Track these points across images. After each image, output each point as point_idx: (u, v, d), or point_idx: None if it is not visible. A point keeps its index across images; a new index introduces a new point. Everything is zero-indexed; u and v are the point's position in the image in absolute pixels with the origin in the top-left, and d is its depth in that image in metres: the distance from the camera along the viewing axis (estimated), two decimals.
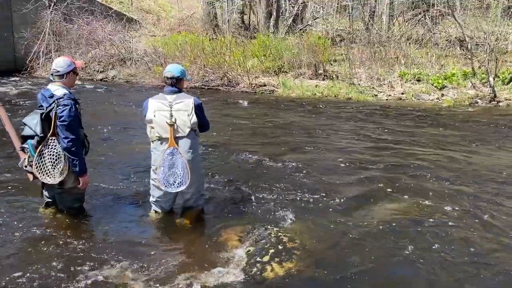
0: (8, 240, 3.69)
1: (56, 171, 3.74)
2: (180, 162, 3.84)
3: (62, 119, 3.69)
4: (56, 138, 3.75)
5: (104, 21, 16.45)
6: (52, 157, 3.73)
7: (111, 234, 3.95)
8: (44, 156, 3.73)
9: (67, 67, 3.86)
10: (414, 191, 5.00)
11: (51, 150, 3.73)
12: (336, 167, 5.86)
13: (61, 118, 3.69)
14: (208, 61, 13.58)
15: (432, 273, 3.38)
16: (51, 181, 3.76)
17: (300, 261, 3.47)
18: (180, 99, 3.96)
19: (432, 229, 4.08)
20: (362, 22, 17.61)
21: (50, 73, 3.94)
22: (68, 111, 3.70)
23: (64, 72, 3.85)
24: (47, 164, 3.73)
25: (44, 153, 3.73)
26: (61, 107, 3.69)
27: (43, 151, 3.73)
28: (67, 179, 3.83)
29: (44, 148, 3.73)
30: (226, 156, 6.35)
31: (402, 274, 3.37)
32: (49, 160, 3.73)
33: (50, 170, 3.73)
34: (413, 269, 3.42)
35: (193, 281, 3.17)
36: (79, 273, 3.22)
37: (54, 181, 3.77)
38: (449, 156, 6.43)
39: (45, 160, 3.73)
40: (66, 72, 3.86)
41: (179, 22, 19.54)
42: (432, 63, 13.30)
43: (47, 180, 3.75)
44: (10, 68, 16.00)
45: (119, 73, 15.34)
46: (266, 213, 4.36)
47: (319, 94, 12.39)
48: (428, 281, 3.28)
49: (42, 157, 3.73)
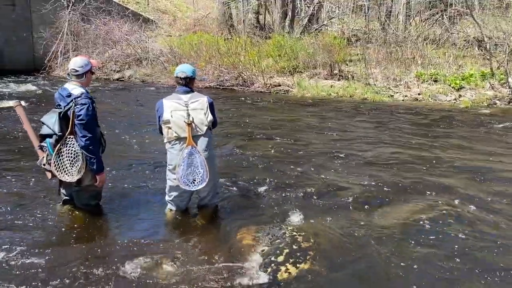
0: (27, 237, 3.75)
1: (74, 169, 3.79)
2: (199, 161, 3.87)
3: (80, 117, 3.75)
4: (74, 136, 3.80)
5: (121, 21, 16.62)
6: (70, 155, 3.78)
7: (126, 232, 3.99)
8: (63, 155, 3.78)
9: (85, 66, 3.93)
10: (430, 192, 4.94)
11: (69, 148, 3.78)
12: (352, 167, 5.82)
13: (79, 117, 3.75)
14: (223, 61, 13.61)
15: (449, 274, 3.33)
16: (69, 179, 3.81)
17: (315, 262, 3.46)
18: (195, 98, 4.00)
19: (449, 231, 4.02)
20: (378, 22, 17.46)
21: (67, 72, 4.00)
22: (85, 110, 3.76)
23: (82, 72, 3.91)
24: (66, 162, 3.78)
25: (62, 152, 3.78)
26: (79, 106, 3.75)
27: (61, 149, 3.78)
28: (84, 177, 3.89)
29: (63, 147, 3.78)
30: (240, 154, 6.36)
31: (418, 276, 3.33)
32: (67, 159, 3.78)
33: (68, 168, 3.78)
34: (430, 270, 3.38)
35: (207, 280, 3.18)
36: (94, 270, 3.26)
37: (72, 179, 3.82)
38: (466, 158, 6.34)
39: (64, 158, 3.78)
40: (85, 72, 3.92)
41: (194, 22, 19.63)
42: (450, 63, 13.12)
43: (65, 178, 3.81)
44: (29, 68, 16.30)
45: (135, 72, 15.48)
46: (280, 213, 4.35)
47: (334, 94, 12.32)
48: (446, 282, 3.24)
49: (60, 155, 3.78)
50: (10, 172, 5.32)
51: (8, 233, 3.80)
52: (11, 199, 4.50)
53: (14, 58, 16.73)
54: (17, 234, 3.77)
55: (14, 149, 6.32)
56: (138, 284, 3.12)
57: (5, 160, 5.80)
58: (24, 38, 16.83)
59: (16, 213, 4.18)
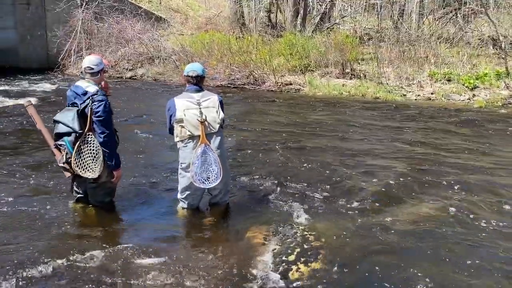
0: (41, 235, 3.80)
1: (97, 165, 3.83)
2: (212, 158, 3.89)
3: (98, 114, 3.81)
4: (93, 133, 3.85)
5: (133, 20, 16.72)
6: (92, 152, 3.82)
7: (138, 229, 4.04)
8: (84, 152, 3.81)
9: (100, 64, 3.99)
10: (442, 194, 4.89)
11: (90, 145, 3.83)
12: (363, 167, 5.79)
13: (97, 114, 3.81)
14: (235, 60, 13.62)
15: (458, 276, 3.31)
16: (91, 175, 3.85)
17: (327, 262, 3.45)
18: (206, 97, 4.03)
19: (459, 233, 3.99)
20: (391, 20, 17.31)
21: (82, 70, 4.04)
22: (103, 106, 3.83)
23: (97, 70, 3.97)
24: (88, 159, 3.82)
25: (83, 149, 3.81)
26: (96, 103, 3.81)
27: (81, 147, 3.81)
28: (101, 174, 3.93)
29: (83, 144, 3.82)
30: (251, 153, 6.37)
31: (428, 277, 3.30)
32: (89, 156, 3.82)
33: (90, 165, 3.82)
34: (440, 271, 3.36)
35: (218, 278, 3.20)
36: (106, 266, 3.30)
37: (94, 176, 3.86)
38: (479, 160, 6.26)
39: (85, 155, 3.81)
40: (99, 70, 3.98)
41: (206, 21, 19.67)
42: (464, 62, 12.94)
43: (88, 174, 3.84)
44: (44, 66, 16.50)
45: (147, 71, 15.57)
46: (291, 212, 4.36)
47: (346, 93, 12.26)
48: (456, 283, 3.22)
49: (81, 153, 3.81)
50: (22, 169, 5.40)
51: (20, 230, 3.85)
52: (23, 197, 4.57)
53: (29, 56, 16.96)
54: (29, 232, 3.83)
55: (25, 145, 6.42)
56: (149, 281, 3.15)
57: (18, 156, 5.89)
58: (38, 36, 17.05)
59: (29, 210, 4.24)
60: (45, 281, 3.13)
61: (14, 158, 5.86)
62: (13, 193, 4.62)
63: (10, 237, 3.73)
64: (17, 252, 3.47)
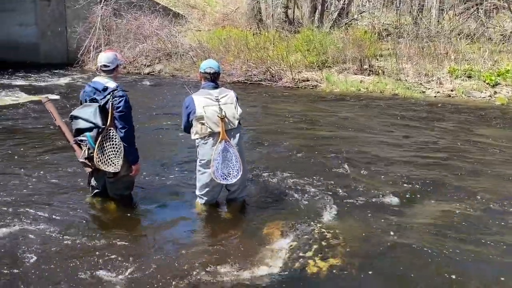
0: (59, 230, 3.86)
1: (119, 160, 3.89)
2: (233, 155, 3.91)
3: (119, 109, 3.86)
4: (114, 128, 3.90)
5: (151, 16, 16.86)
6: (115, 147, 3.88)
7: (156, 224, 4.08)
8: (107, 147, 3.86)
9: (115, 61, 4.02)
10: (463, 193, 4.82)
11: (113, 140, 3.88)
12: (381, 164, 5.74)
13: (118, 109, 3.86)
14: (251, 56, 13.61)
15: (483, 274, 3.26)
16: (114, 170, 3.90)
17: (345, 259, 3.44)
18: (224, 93, 4.04)
19: (482, 233, 3.93)
20: (410, 16, 17.06)
21: (98, 67, 4.06)
22: (124, 101, 3.89)
23: (113, 67, 4.01)
24: (111, 154, 3.87)
25: (106, 145, 3.86)
26: (117, 98, 3.87)
27: (104, 142, 3.86)
28: (121, 167, 3.98)
29: (106, 139, 3.87)
30: (267, 149, 6.38)
31: (448, 275, 3.26)
32: (112, 150, 3.87)
33: (113, 160, 3.87)
34: (461, 271, 3.32)
35: (235, 273, 3.22)
36: (123, 259, 3.35)
37: (117, 170, 3.91)
38: (502, 158, 6.15)
39: (108, 150, 3.86)
40: (115, 67, 4.02)
41: (223, 17, 19.70)
42: (485, 58, 12.68)
43: (110, 169, 3.89)
44: (63, 62, 16.78)
45: (165, 67, 15.68)
46: (308, 208, 4.35)
47: (364, 90, 12.15)
48: (479, 281, 3.18)
49: (104, 148, 3.86)
50: (41, 164, 5.50)
51: (39, 224, 3.93)
52: (42, 192, 4.65)
53: (49, 52, 17.26)
54: (47, 226, 3.89)
55: (45, 141, 6.54)
56: (166, 275, 3.18)
57: (37, 151, 6.01)
58: (59, 33, 17.33)
59: (47, 205, 4.32)
60: (64, 274, 3.19)
61: (33, 152, 5.98)
62: (31, 188, 4.71)
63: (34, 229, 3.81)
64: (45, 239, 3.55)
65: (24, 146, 6.27)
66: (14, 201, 4.33)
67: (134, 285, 3.06)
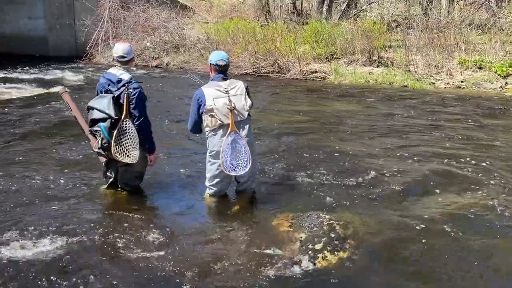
0: (75, 221, 3.90)
1: (136, 151, 3.94)
2: (243, 146, 3.92)
3: (134, 101, 3.90)
4: (130, 119, 3.93)
5: (159, 8, 16.85)
6: (131, 137, 3.92)
7: (165, 215, 4.11)
8: (124, 139, 3.90)
9: (131, 53, 4.07)
10: (474, 186, 4.76)
11: (130, 131, 3.92)
12: (392, 157, 5.71)
13: (133, 100, 3.90)
14: (259, 48, 13.55)
15: (493, 270, 3.24)
16: (131, 160, 3.94)
17: (354, 251, 3.43)
18: (233, 84, 4.04)
19: (494, 228, 3.89)
20: (420, 6, 16.85)
21: (113, 57, 4.10)
22: (139, 93, 3.94)
23: (129, 59, 4.05)
24: (128, 145, 3.91)
25: (122, 135, 3.90)
26: (132, 89, 3.92)
27: (121, 134, 3.89)
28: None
29: (122, 130, 3.90)
30: (276, 141, 6.37)
31: (459, 270, 3.25)
32: (129, 141, 3.91)
33: (130, 150, 3.92)
34: (472, 265, 3.30)
35: (244, 265, 3.23)
36: (133, 250, 3.37)
37: (134, 161, 3.95)
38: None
39: (124, 141, 3.90)
40: (130, 58, 4.06)
41: (231, 9, 19.63)
42: (496, 49, 12.50)
43: (127, 160, 3.93)
44: (72, 54, 16.85)
45: (173, 59, 15.69)
46: (318, 200, 4.34)
47: (372, 81, 12.06)
48: (488, 279, 3.16)
49: (121, 140, 3.89)
50: (55, 155, 5.55)
51: (55, 216, 3.97)
52: (57, 184, 4.70)
53: (58, 45, 17.34)
54: (63, 216, 3.94)
55: (61, 132, 6.59)
56: (175, 266, 3.20)
57: (52, 142, 6.06)
58: (67, 25, 17.38)
59: (62, 196, 4.37)
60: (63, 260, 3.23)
61: (49, 144, 6.03)
62: (47, 179, 4.76)
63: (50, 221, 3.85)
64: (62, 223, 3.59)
65: (36, 138, 6.32)
66: (27, 193, 4.38)
67: (143, 276, 3.08)
